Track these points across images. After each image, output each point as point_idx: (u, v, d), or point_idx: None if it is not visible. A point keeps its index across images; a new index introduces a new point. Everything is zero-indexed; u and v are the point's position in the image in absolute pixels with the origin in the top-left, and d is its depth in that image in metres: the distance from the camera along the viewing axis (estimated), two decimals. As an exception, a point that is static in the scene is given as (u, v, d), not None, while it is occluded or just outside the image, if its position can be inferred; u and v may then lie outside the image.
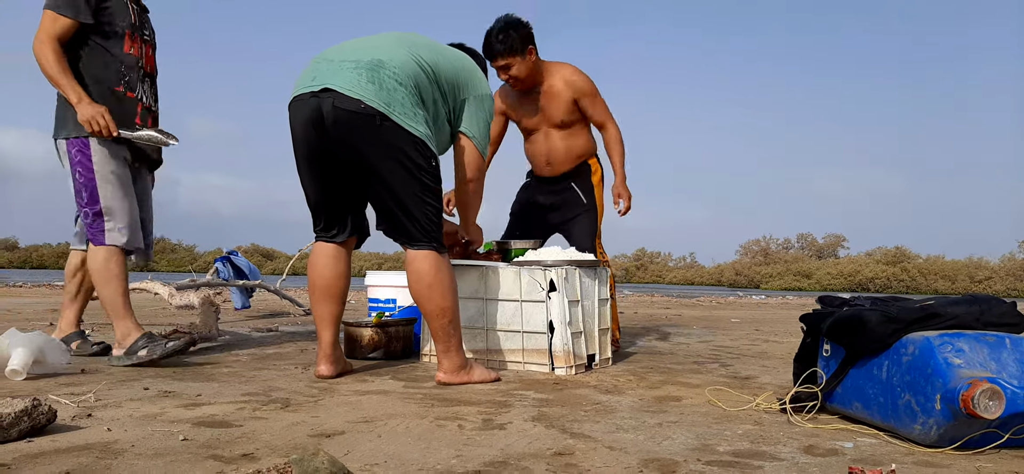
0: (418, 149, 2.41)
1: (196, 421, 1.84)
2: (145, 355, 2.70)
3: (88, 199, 2.73)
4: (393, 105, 2.38)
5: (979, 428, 1.64)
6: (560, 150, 3.47)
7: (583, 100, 3.40)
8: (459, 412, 2.02)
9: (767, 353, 3.66)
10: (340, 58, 2.47)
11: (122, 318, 2.77)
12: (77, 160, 2.72)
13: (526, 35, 3.29)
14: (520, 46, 3.26)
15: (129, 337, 2.75)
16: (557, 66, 3.43)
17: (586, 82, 3.40)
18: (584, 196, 3.49)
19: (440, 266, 2.48)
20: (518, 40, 3.26)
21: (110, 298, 2.76)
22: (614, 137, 3.47)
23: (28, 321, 4.77)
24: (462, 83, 2.62)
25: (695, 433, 1.83)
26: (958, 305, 1.86)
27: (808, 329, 2.16)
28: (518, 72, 3.31)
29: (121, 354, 2.73)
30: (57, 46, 2.66)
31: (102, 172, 2.73)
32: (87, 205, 2.73)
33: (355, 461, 1.50)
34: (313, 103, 2.40)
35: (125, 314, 2.77)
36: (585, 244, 3.38)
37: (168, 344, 2.72)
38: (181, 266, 44.55)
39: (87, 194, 2.72)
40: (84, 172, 2.72)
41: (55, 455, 1.50)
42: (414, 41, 2.57)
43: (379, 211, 2.57)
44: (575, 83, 3.39)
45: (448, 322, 2.49)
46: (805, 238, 56.18)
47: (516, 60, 3.28)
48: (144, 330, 2.80)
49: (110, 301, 2.76)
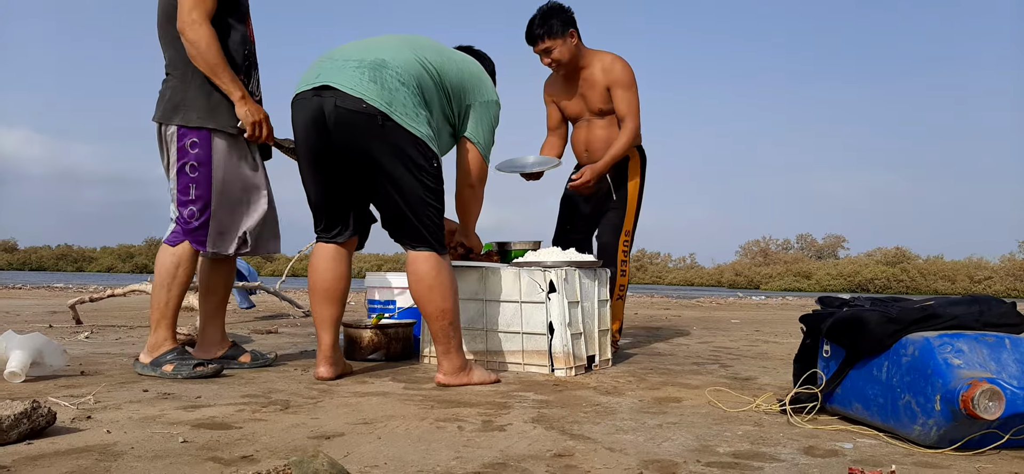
0: (419, 149, 2.41)
1: (195, 423, 1.84)
2: (170, 371, 2.55)
3: (196, 196, 2.54)
4: (395, 105, 2.38)
5: (979, 429, 1.64)
6: (599, 139, 3.42)
7: (615, 90, 3.34)
8: (459, 414, 2.02)
9: (767, 354, 3.66)
10: (343, 57, 2.46)
11: (166, 327, 2.62)
12: (192, 153, 2.52)
13: (567, 18, 3.30)
14: (561, 29, 3.27)
15: (161, 347, 2.61)
16: (599, 53, 3.39)
17: (623, 72, 3.33)
18: (616, 191, 3.42)
19: (441, 267, 2.48)
20: (559, 24, 3.27)
21: (165, 303, 2.59)
22: (627, 131, 3.32)
23: (28, 323, 4.77)
24: (468, 88, 2.61)
25: (695, 434, 1.83)
26: (958, 305, 1.86)
27: (808, 330, 2.16)
28: (559, 55, 3.30)
29: (147, 362, 2.61)
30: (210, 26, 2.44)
31: (219, 171, 2.56)
32: (193, 202, 2.55)
33: (355, 463, 1.50)
34: (315, 102, 2.40)
35: (170, 324, 2.63)
36: (606, 239, 3.36)
37: (196, 367, 2.56)
38: (181, 268, 44.43)
39: (196, 190, 2.54)
40: (199, 167, 2.53)
41: (55, 457, 1.50)
42: (419, 43, 2.56)
43: (380, 211, 2.57)
44: (611, 70, 3.34)
45: (448, 323, 2.48)
46: (805, 239, 56.24)
47: (557, 43, 3.28)
48: (178, 344, 2.66)
49: (163, 306, 2.59)
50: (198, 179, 2.55)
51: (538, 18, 3.30)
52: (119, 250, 57.03)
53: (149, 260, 53.63)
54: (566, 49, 3.30)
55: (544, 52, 3.33)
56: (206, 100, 2.54)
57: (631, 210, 3.43)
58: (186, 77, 2.55)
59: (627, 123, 3.33)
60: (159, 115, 2.58)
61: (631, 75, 3.35)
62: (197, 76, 2.54)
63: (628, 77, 3.34)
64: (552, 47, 3.29)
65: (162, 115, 2.57)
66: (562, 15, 3.29)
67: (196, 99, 2.53)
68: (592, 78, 3.37)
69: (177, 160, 2.55)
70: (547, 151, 3.62)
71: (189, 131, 2.53)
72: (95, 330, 4.37)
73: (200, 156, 2.54)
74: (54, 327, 4.55)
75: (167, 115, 2.55)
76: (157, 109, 2.60)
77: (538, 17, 3.30)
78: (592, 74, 3.37)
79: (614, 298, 3.31)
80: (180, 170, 2.55)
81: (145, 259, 53.95)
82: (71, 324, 4.77)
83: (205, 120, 2.53)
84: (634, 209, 3.44)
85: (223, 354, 2.79)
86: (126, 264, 54.11)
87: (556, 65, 3.36)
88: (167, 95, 2.58)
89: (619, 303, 3.40)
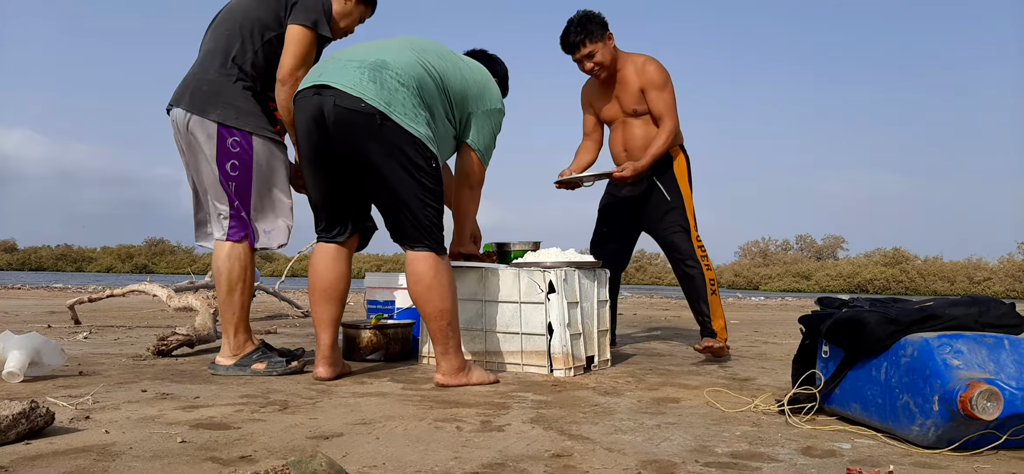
0: (418, 149, 2.41)
1: (194, 423, 1.84)
2: (262, 369, 2.62)
3: (237, 192, 2.60)
4: (393, 105, 2.38)
5: (977, 429, 1.64)
6: (638, 139, 3.39)
7: (650, 91, 3.32)
8: (457, 414, 2.02)
9: (766, 355, 3.66)
10: (346, 58, 2.48)
11: (244, 329, 2.66)
12: (235, 152, 2.57)
13: (603, 21, 3.31)
14: (600, 32, 3.29)
15: (245, 348, 2.66)
16: (632, 55, 3.40)
17: (656, 73, 3.32)
18: (668, 192, 3.37)
19: (439, 268, 2.48)
20: (597, 27, 3.28)
21: (240, 305, 2.64)
22: (665, 130, 3.29)
23: (26, 323, 4.77)
24: (471, 96, 2.61)
25: (693, 434, 1.83)
26: (957, 306, 1.86)
27: (807, 331, 2.16)
28: (602, 58, 3.30)
29: (231, 364, 2.64)
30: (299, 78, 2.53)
31: (260, 170, 2.61)
32: (236, 198, 2.60)
33: (353, 463, 1.50)
34: (315, 100, 2.41)
35: (247, 326, 2.68)
36: (678, 242, 3.32)
37: (289, 363, 2.66)
38: (180, 268, 44.52)
39: (237, 186, 2.59)
40: (241, 166, 2.58)
41: (53, 457, 1.50)
42: (423, 46, 2.57)
43: (380, 210, 2.57)
44: (645, 71, 3.33)
45: (447, 324, 2.48)
46: (804, 239, 56.22)
47: (598, 46, 3.29)
48: (258, 343, 2.72)
49: (237, 309, 2.63)
50: (238, 178, 2.59)
51: (575, 25, 3.31)
52: (119, 250, 57.01)
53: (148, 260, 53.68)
54: (607, 51, 3.31)
55: (586, 57, 3.32)
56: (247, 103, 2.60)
57: (690, 209, 3.37)
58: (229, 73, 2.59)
59: (665, 122, 3.31)
60: (198, 106, 2.57)
61: (665, 75, 3.33)
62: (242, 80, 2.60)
63: (661, 77, 3.32)
64: (594, 51, 3.29)
65: (201, 107, 2.57)
66: (598, 18, 3.31)
67: (244, 103, 2.58)
68: (626, 80, 3.37)
69: (215, 154, 2.57)
70: (582, 155, 3.61)
71: (231, 130, 2.56)
72: (94, 330, 4.37)
73: (242, 155, 2.58)
74: (53, 327, 4.55)
75: (209, 110, 2.56)
76: (184, 98, 2.60)
77: (575, 23, 3.31)
78: (626, 76, 3.37)
79: (710, 294, 3.30)
80: (221, 167, 2.57)
81: (144, 259, 53.97)
82: (70, 324, 4.77)
83: (246, 125, 2.58)
84: (692, 208, 3.38)
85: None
86: (125, 264, 54.10)
87: (598, 68, 3.34)
88: (209, 90, 2.58)
89: (715, 299, 3.33)
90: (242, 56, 2.61)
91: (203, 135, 2.57)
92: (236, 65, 2.60)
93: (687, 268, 3.32)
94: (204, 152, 2.58)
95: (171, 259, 53.15)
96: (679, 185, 3.38)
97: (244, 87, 2.60)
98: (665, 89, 3.32)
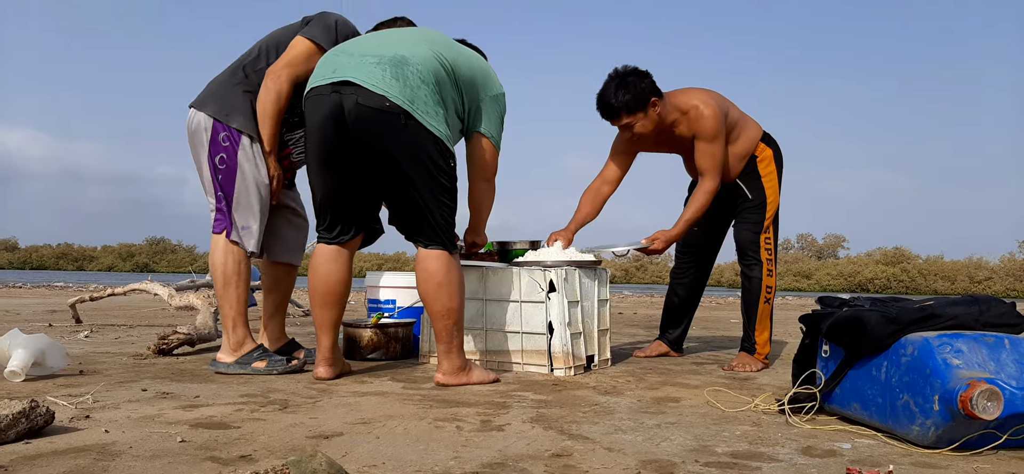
0: (439, 149, 2.40)
1: (194, 423, 1.84)
2: (263, 367, 2.63)
3: (222, 185, 2.64)
4: (417, 103, 2.35)
5: (977, 429, 1.64)
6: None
7: (698, 142, 2.99)
8: (457, 413, 2.02)
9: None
10: (361, 52, 2.43)
11: (243, 325, 2.68)
12: (224, 146, 2.61)
13: (645, 94, 2.93)
14: (643, 103, 2.93)
15: (245, 346, 2.68)
16: (682, 102, 3.02)
17: (707, 125, 2.96)
18: (750, 191, 3.13)
19: (450, 267, 2.47)
20: (637, 101, 2.92)
21: (236, 300, 2.66)
22: (703, 191, 3.00)
23: (27, 322, 4.77)
24: (479, 83, 2.59)
25: (693, 434, 1.83)
26: (957, 306, 1.86)
27: (807, 330, 2.16)
28: (642, 129, 2.97)
29: (232, 361, 2.65)
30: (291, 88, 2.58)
31: (243, 170, 2.64)
32: (220, 190, 2.64)
33: (353, 463, 1.50)
34: (333, 97, 2.36)
35: (246, 322, 2.70)
36: (745, 236, 3.11)
37: (289, 362, 2.68)
38: (181, 267, 44.56)
39: (223, 180, 2.63)
40: (228, 160, 2.61)
41: (53, 457, 1.50)
42: (434, 38, 2.54)
43: (395, 208, 2.55)
44: (694, 126, 3.00)
45: (453, 323, 2.48)
46: (805, 238, 56.22)
47: (638, 118, 2.95)
48: (258, 342, 2.74)
49: (235, 304, 2.66)
50: (224, 171, 2.63)
51: (615, 90, 2.93)
52: (120, 249, 57.08)
53: (149, 259, 53.70)
54: (649, 122, 2.96)
55: (624, 127, 3.01)
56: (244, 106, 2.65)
57: (771, 206, 3.12)
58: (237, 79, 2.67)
59: (705, 180, 3.00)
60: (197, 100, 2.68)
61: (716, 125, 2.97)
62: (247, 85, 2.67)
63: (713, 129, 2.96)
64: (633, 123, 2.96)
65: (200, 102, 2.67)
66: (642, 83, 2.93)
67: (241, 102, 2.64)
68: (679, 137, 3.09)
69: (207, 146, 2.63)
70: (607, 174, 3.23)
71: (225, 126, 2.62)
72: (95, 329, 4.37)
73: (230, 150, 2.63)
74: (54, 326, 4.56)
75: (207, 105, 2.65)
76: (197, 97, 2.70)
77: (614, 89, 2.93)
78: (678, 126, 3.06)
79: (761, 301, 3.09)
80: (209, 159, 2.63)
81: (146, 258, 53.99)
82: (71, 323, 4.78)
83: (239, 125, 2.62)
84: (775, 205, 3.14)
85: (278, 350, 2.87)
86: (127, 263, 54.16)
87: (638, 139, 3.06)
88: (216, 89, 2.69)
89: (767, 308, 3.09)
90: (253, 66, 2.69)
91: (201, 129, 2.64)
92: (245, 73, 2.69)
93: (746, 268, 3.13)
94: (203, 146, 2.65)
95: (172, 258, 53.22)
96: (763, 181, 3.13)
97: (246, 91, 2.66)
98: (715, 141, 2.97)
